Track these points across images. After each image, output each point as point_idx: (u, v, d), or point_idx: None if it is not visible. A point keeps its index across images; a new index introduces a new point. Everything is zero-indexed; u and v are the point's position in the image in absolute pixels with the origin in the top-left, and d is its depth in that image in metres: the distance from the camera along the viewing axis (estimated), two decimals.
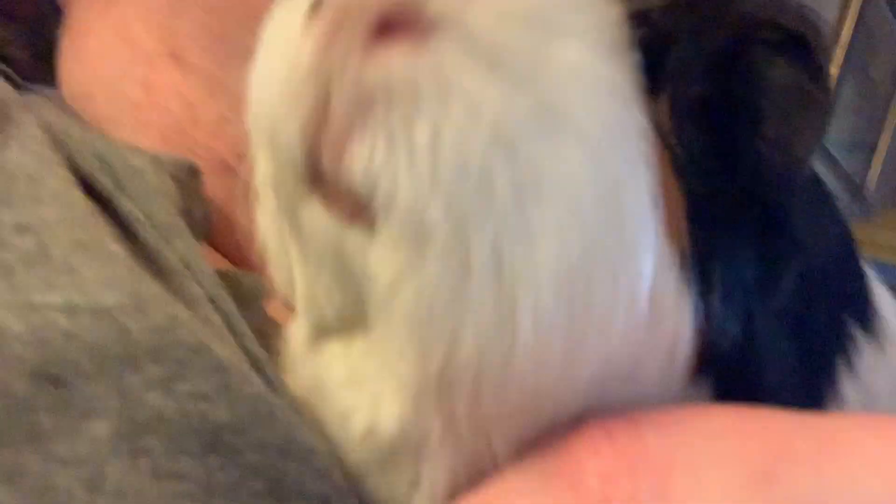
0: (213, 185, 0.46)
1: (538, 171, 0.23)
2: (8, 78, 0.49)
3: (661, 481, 0.24)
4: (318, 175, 0.26)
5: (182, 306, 0.32)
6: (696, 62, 0.27)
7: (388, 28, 0.24)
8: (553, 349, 0.24)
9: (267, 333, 0.39)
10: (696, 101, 0.27)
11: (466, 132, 0.23)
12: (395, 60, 0.24)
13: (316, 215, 0.28)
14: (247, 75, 0.49)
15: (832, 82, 0.28)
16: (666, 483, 0.24)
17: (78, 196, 0.33)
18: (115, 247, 0.32)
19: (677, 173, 0.26)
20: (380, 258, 0.25)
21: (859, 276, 0.35)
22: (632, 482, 0.24)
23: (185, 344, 0.29)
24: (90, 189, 0.36)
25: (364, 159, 0.24)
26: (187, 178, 0.44)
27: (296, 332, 0.35)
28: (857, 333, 0.33)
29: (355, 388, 0.30)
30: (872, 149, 3.63)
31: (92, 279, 0.29)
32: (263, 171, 0.31)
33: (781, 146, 0.27)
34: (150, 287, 0.31)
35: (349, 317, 0.30)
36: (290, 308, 0.36)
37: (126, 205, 0.36)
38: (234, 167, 0.50)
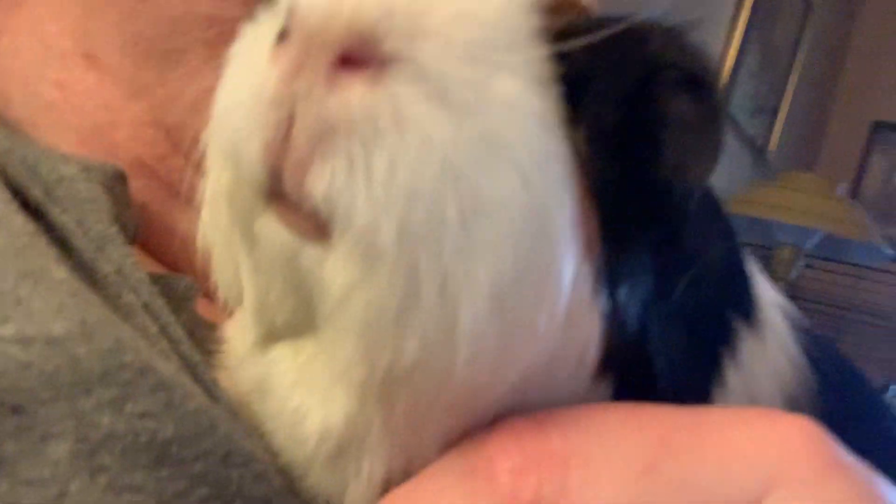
0: (133, 187, 0.47)
1: (480, 196, 0.26)
2: None
3: (562, 475, 0.28)
4: (276, 192, 0.29)
5: (126, 327, 0.33)
6: (610, 96, 0.30)
7: (348, 61, 0.26)
8: (487, 355, 0.27)
9: (198, 334, 0.41)
10: (609, 130, 0.30)
11: (420, 161, 0.26)
12: (355, 92, 0.26)
13: (271, 229, 0.30)
14: (164, 78, 0.49)
15: (724, 118, 0.32)
16: (566, 477, 0.28)
17: (19, 220, 0.34)
18: (59, 272, 0.33)
19: (592, 195, 0.30)
20: (333, 271, 0.28)
21: (743, 273, 0.39)
22: (537, 477, 0.28)
23: (130, 366, 0.31)
24: (22, 200, 0.37)
25: (324, 183, 0.26)
26: (115, 184, 0.44)
27: (240, 335, 0.37)
28: (740, 326, 0.37)
29: (305, 388, 0.32)
30: (774, 113, 3.76)
31: (41, 309, 0.31)
32: (218, 183, 0.33)
33: (679, 171, 0.31)
34: (94, 312, 0.32)
35: (298, 322, 0.32)
36: (226, 309, 0.38)
37: (59, 217, 0.37)
38: (154, 168, 0.51)
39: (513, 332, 0.28)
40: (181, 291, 0.43)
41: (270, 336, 0.34)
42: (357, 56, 0.26)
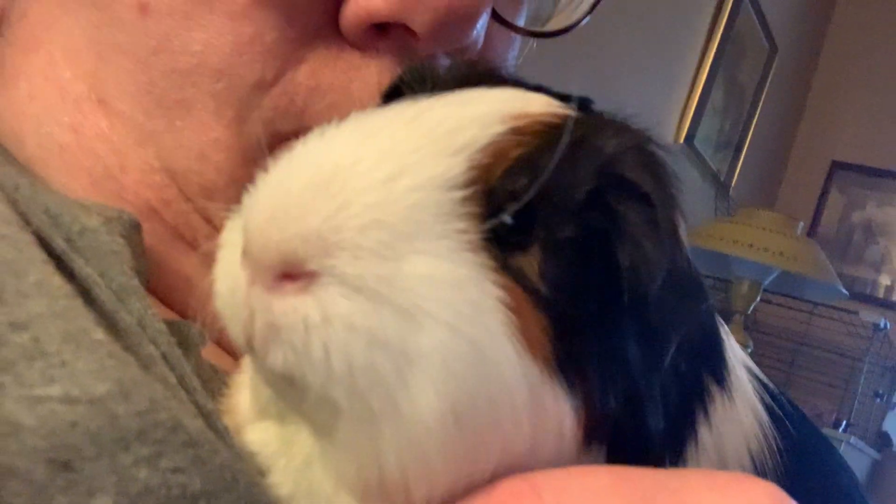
0: (144, 231, 0.49)
1: (409, 353, 0.33)
2: None
3: None
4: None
5: (158, 386, 0.36)
6: (561, 214, 0.36)
7: (287, 276, 0.34)
8: (456, 458, 0.34)
9: (205, 377, 0.44)
10: (561, 245, 0.36)
11: (348, 341, 0.33)
12: (289, 300, 0.34)
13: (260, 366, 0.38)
14: (172, 126, 0.51)
15: (675, 217, 0.37)
16: None
17: (57, 281, 0.36)
18: (97, 334, 0.35)
19: (539, 306, 0.35)
20: (309, 411, 0.36)
21: (716, 335, 0.42)
22: None
23: (163, 424, 0.34)
24: (47, 250, 0.39)
25: (279, 362, 0.35)
26: (133, 233, 0.46)
27: (242, 400, 0.42)
28: (713, 388, 0.40)
29: (288, 462, 0.38)
30: (738, 149, 3.84)
31: (83, 370, 0.33)
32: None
33: (633, 274, 0.36)
34: (130, 372, 0.35)
35: (287, 414, 0.39)
36: (235, 358, 0.41)
37: (83, 268, 0.39)
38: (161, 212, 0.53)
39: (476, 436, 0.34)
40: (191, 338, 0.45)
41: (264, 413, 0.40)
42: (291, 272, 0.34)
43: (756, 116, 3.90)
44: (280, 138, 0.50)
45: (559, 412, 0.35)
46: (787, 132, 4.46)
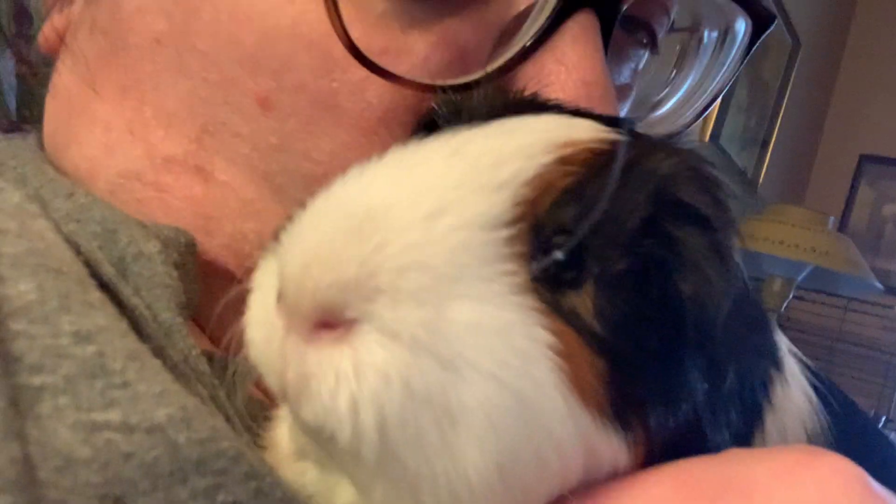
0: (212, 286, 0.47)
1: (452, 408, 0.31)
2: None
3: None
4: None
5: (219, 415, 0.35)
6: (616, 246, 0.34)
7: (324, 324, 0.32)
8: None
9: (254, 413, 0.43)
10: (619, 277, 0.34)
11: (379, 394, 0.31)
12: (324, 350, 0.32)
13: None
14: (284, 200, 0.48)
15: (734, 241, 0.35)
16: None
17: (111, 308, 0.35)
18: (157, 361, 0.34)
19: (593, 348, 0.33)
20: (343, 465, 0.34)
21: (766, 322, 0.42)
22: None
23: (225, 454, 0.33)
24: (93, 275, 0.38)
25: (309, 415, 0.32)
26: (187, 258, 0.45)
27: (281, 435, 0.41)
28: (773, 371, 0.40)
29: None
30: (764, 145, 3.80)
31: (145, 394, 0.32)
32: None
33: (695, 302, 0.34)
34: (192, 399, 0.34)
35: (326, 461, 0.37)
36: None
37: (130, 298, 0.38)
38: (240, 279, 0.48)
39: (522, 495, 0.33)
40: (235, 374, 0.42)
41: (303, 454, 0.38)
42: (329, 321, 0.32)
43: (781, 112, 3.86)
44: None
45: (613, 454, 0.34)
46: (813, 127, 4.41)
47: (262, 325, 0.35)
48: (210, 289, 0.48)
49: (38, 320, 0.32)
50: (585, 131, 0.37)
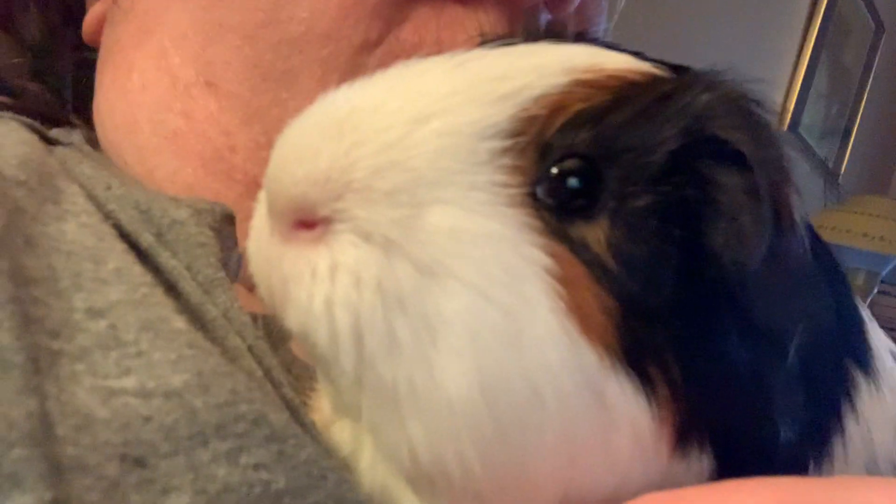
0: (248, 207, 0.48)
1: (428, 317, 0.29)
2: (39, 134, 0.50)
3: None
4: None
5: (241, 376, 0.34)
6: (639, 181, 0.31)
7: (304, 224, 0.31)
8: (494, 449, 0.29)
9: (295, 371, 0.43)
10: (640, 213, 0.30)
11: (352, 297, 0.30)
12: (301, 250, 0.31)
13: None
14: (279, 99, 0.51)
15: (782, 186, 0.31)
16: None
17: (137, 271, 0.36)
18: (178, 323, 0.34)
19: (604, 284, 0.30)
20: (340, 389, 0.32)
21: (856, 319, 0.38)
22: None
23: (245, 417, 0.32)
24: (133, 245, 0.39)
25: (291, 321, 0.32)
26: (224, 226, 0.46)
27: (322, 402, 0.39)
28: (858, 375, 0.36)
29: (362, 461, 0.34)
30: (846, 135, 3.68)
31: (160, 361, 0.32)
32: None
33: (728, 250, 0.30)
34: (211, 362, 0.33)
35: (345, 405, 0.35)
36: None
37: (168, 261, 0.39)
38: None
39: (516, 427, 0.29)
40: (279, 331, 0.43)
41: (339, 410, 0.36)
42: (306, 220, 0.31)
43: (864, 100, 3.73)
44: None
45: (629, 410, 0.30)
46: None
47: (256, 234, 0.35)
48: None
49: (53, 294, 0.32)
50: (618, 61, 0.33)
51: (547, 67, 0.32)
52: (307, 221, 0.31)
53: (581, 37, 0.39)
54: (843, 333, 0.36)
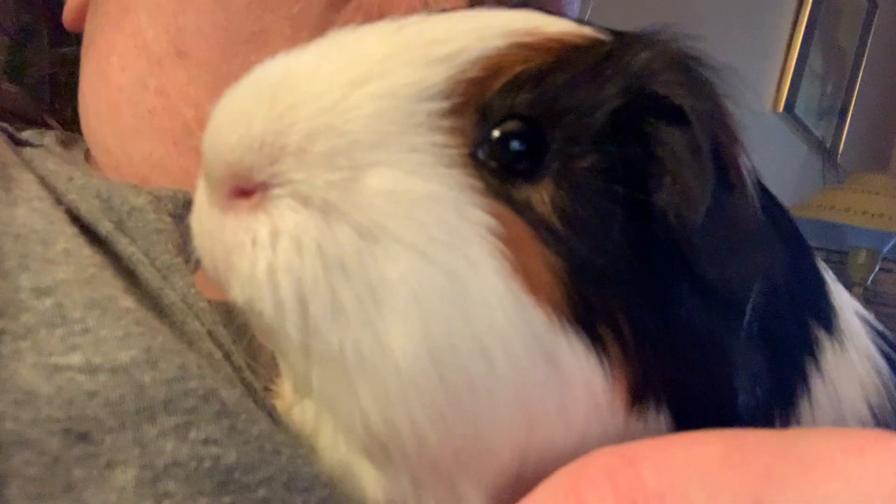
0: None
1: (371, 281, 0.29)
2: (9, 135, 0.50)
3: None
4: None
5: (191, 354, 0.34)
6: (582, 141, 0.31)
7: (242, 192, 0.31)
8: (446, 413, 0.29)
9: (259, 359, 0.42)
10: (584, 174, 0.30)
11: (294, 262, 0.29)
12: (241, 218, 0.31)
13: None
14: (248, 63, 0.51)
15: (726, 141, 0.31)
16: None
17: (86, 252, 0.36)
18: (126, 301, 0.34)
19: (550, 245, 0.30)
20: (290, 361, 0.32)
21: (819, 281, 0.38)
22: None
23: (194, 392, 0.32)
24: (92, 234, 0.39)
25: (236, 293, 0.31)
26: (186, 212, 0.45)
27: (286, 388, 0.39)
28: (821, 334, 0.36)
29: (321, 439, 0.34)
30: (843, 114, 3.66)
31: (107, 337, 0.32)
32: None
33: (676, 202, 0.30)
34: (159, 339, 0.33)
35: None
36: None
37: (127, 248, 0.39)
38: None
39: (467, 391, 0.29)
40: (241, 318, 0.43)
41: (297, 389, 0.35)
42: (243, 187, 0.31)
43: (859, 78, 3.71)
44: None
45: (581, 370, 0.30)
46: (894, 92, 4.22)
47: (197, 208, 0.34)
48: None
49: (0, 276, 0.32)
50: (561, 26, 0.33)
51: (485, 30, 0.32)
52: (244, 189, 0.31)
53: (525, 4, 0.39)
54: (804, 294, 0.36)
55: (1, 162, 0.40)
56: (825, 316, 0.37)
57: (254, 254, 0.30)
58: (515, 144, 0.30)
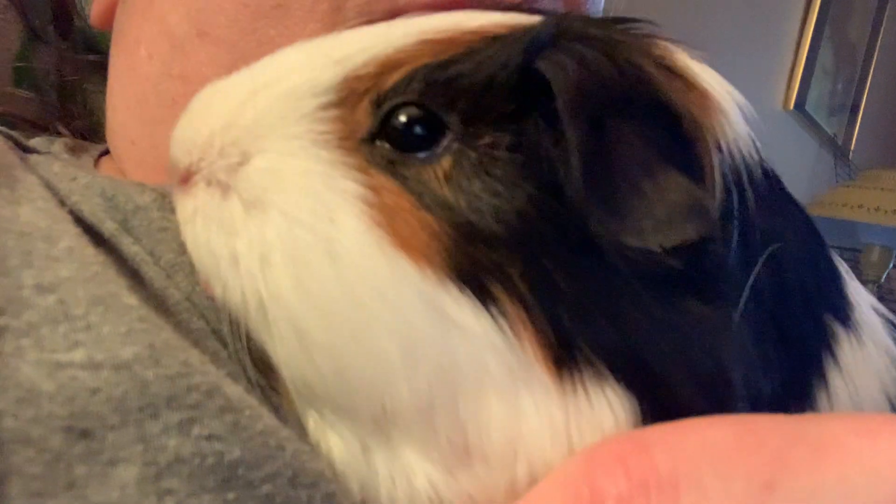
0: None
1: (261, 242, 0.34)
2: (15, 142, 0.51)
3: (671, 498, 0.27)
4: None
5: (194, 351, 0.34)
6: (480, 119, 0.35)
7: (184, 179, 0.38)
8: (342, 354, 0.33)
9: (264, 359, 0.43)
10: (481, 150, 0.34)
11: (204, 232, 0.36)
12: (181, 199, 0.38)
13: None
14: (268, 37, 0.51)
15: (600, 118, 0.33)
16: (676, 499, 0.27)
17: (90, 251, 0.36)
18: (129, 299, 0.34)
19: (434, 214, 0.34)
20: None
21: (833, 275, 0.38)
22: (645, 501, 0.27)
23: (197, 388, 0.32)
24: (95, 234, 0.39)
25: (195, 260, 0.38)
26: None
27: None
28: (837, 328, 0.36)
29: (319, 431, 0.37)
30: (854, 110, 3.64)
31: (110, 334, 0.32)
32: None
33: (567, 176, 0.33)
34: (163, 336, 0.33)
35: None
36: None
37: (130, 247, 0.40)
38: None
39: (357, 333, 0.33)
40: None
41: None
42: (184, 176, 0.38)
43: (870, 74, 3.70)
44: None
45: (475, 324, 0.32)
46: None
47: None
48: None
49: (1, 273, 0.33)
50: (484, 18, 0.37)
51: (393, 34, 0.37)
52: (184, 177, 0.38)
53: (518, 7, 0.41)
54: (819, 289, 0.36)
55: (6, 164, 0.40)
56: (841, 310, 0.37)
57: (186, 227, 0.37)
58: (409, 128, 0.35)
